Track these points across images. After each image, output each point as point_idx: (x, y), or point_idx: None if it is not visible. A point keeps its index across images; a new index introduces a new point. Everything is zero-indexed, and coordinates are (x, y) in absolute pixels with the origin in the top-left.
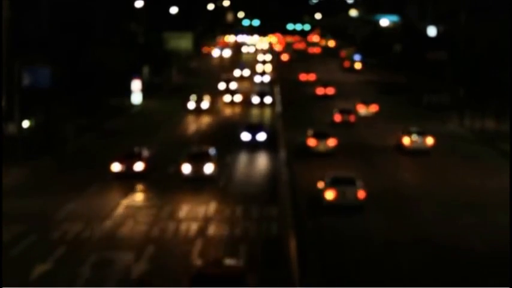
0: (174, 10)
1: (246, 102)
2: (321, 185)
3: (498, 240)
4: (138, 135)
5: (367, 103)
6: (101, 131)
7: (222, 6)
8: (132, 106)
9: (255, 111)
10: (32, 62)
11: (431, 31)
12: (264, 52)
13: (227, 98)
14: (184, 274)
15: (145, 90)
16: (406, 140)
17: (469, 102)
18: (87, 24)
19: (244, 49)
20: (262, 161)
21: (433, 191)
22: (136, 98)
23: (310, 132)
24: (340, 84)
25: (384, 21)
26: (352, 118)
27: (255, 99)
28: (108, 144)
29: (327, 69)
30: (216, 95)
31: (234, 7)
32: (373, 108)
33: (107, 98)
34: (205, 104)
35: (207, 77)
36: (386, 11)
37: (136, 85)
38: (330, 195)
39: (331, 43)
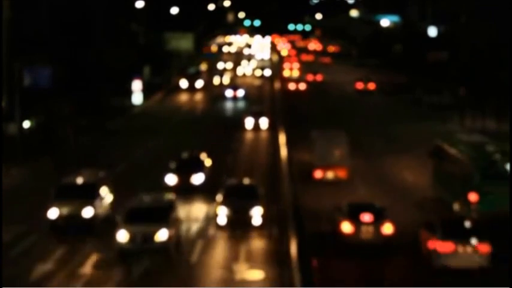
0: (174, 10)
1: None
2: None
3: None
4: (139, 136)
5: (314, 73)
6: (101, 131)
7: (223, 7)
8: (133, 106)
9: None
10: (32, 62)
11: (432, 31)
12: (260, 115)
13: None
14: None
15: (145, 91)
16: (358, 85)
17: (469, 102)
18: (87, 24)
19: (228, 104)
20: None
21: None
22: (137, 98)
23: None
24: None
25: (385, 22)
26: (319, 78)
27: None
28: (108, 144)
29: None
30: None
31: (235, 7)
32: (319, 77)
33: (108, 98)
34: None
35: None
36: (386, 12)
37: (137, 85)
38: (291, 86)
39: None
